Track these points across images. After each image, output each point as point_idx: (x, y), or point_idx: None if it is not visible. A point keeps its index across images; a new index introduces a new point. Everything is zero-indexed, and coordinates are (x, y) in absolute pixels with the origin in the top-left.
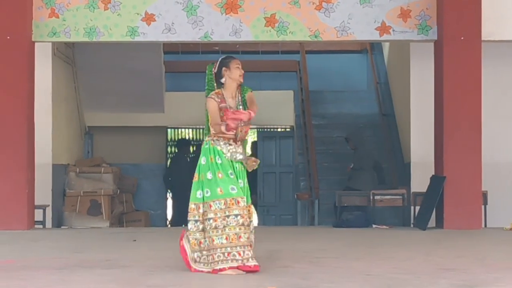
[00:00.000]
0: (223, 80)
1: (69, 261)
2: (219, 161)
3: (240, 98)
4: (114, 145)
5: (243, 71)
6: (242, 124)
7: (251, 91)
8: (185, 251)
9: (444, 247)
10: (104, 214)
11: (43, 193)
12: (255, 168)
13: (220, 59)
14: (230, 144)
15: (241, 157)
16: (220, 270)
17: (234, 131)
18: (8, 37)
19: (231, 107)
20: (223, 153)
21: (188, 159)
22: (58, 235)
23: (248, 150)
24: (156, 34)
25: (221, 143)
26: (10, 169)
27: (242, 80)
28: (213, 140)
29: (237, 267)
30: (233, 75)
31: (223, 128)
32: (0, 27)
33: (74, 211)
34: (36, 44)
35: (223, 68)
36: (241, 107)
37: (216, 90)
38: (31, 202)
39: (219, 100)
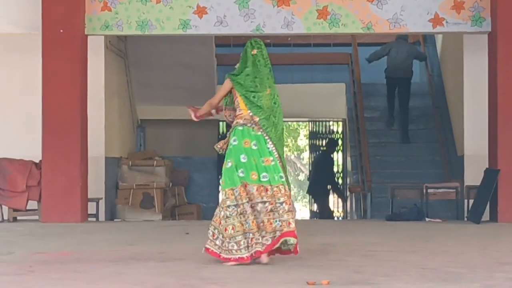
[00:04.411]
0: None
1: (123, 254)
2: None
3: None
4: (166, 138)
5: None
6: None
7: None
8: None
9: (499, 241)
10: (156, 207)
11: (96, 186)
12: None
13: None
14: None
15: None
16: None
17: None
18: (62, 31)
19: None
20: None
21: None
22: (111, 228)
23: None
24: (208, 27)
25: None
26: (64, 162)
27: None
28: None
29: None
30: None
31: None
32: (54, 20)
33: (127, 204)
34: (89, 37)
35: None
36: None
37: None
38: (84, 195)
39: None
